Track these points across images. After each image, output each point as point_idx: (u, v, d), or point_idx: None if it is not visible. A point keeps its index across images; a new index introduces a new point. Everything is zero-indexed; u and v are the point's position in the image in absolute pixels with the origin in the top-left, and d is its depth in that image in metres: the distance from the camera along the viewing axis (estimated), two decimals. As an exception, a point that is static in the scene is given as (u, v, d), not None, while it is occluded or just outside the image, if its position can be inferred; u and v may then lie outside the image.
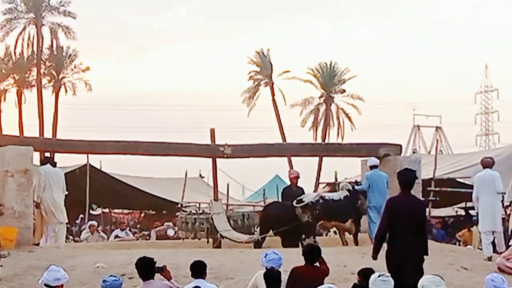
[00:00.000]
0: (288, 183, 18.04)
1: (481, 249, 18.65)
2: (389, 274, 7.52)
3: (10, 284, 11.87)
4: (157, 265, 8.50)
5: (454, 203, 28.46)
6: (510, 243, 14.34)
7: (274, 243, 15.95)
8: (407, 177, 9.75)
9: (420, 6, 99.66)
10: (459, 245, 21.25)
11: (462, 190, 24.10)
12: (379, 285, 7.34)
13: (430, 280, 6.94)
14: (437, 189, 22.46)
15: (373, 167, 16.24)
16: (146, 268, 8.40)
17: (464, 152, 37.22)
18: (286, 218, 15.66)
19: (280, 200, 18.06)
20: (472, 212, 27.99)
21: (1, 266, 12.49)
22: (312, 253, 9.25)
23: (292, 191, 16.83)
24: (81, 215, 30.49)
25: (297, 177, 17.25)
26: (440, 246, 16.28)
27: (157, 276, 8.57)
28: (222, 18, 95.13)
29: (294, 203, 15.70)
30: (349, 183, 17.04)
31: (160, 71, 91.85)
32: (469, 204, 28.64)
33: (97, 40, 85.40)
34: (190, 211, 18.14)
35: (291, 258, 10.26)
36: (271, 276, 8.59)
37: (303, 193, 16.45)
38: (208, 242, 16.93)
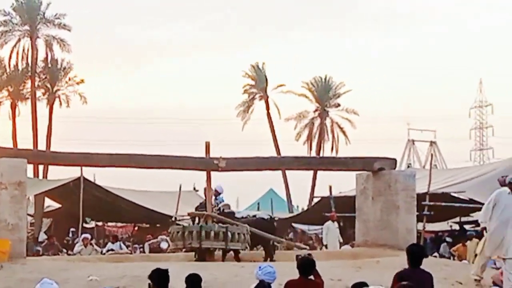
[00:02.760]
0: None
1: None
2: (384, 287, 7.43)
3: (2, 296, 11.81)
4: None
5: (449, 218, 28.49)
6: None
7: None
8: (417, 252, 9.23)
9: (413, 21, 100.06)
10: (454, 259, 21.22)
11: (457, 204, 24.11)
12: (374, 298, 7.26)
13: None
14: (432, 203, 22.45)
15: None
16: (163, 279, 8.28)
17: (459, 166, 37.26)
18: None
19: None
20: (466, 226, 28.06)
21: (-6, 278, 12.43)
22: (307, 266, 9.19)
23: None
24: (73, 229, 30.43)
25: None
26: (435, 261, 16.28)
27: None
28: (219, 32, 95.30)
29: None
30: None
31: (155, 85, 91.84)
32: (463, 219, 28.72)
33: (94, 53, 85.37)
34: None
35: (285, 271, 10.21)
36: None
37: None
38: (195, 256, 16.55)
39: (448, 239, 24.52)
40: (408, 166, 47.08)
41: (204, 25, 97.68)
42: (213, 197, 17.51)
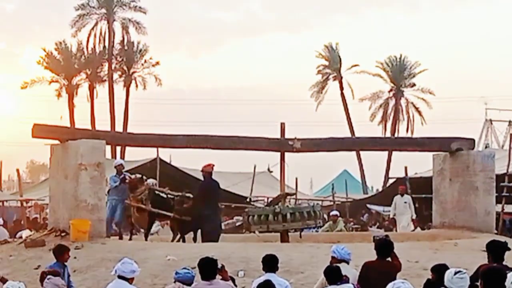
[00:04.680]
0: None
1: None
2: (465, 271, 7.24)
3: (83, 275, 12.08)
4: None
5: (529, 199, 27.82)
6: None
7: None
8: (496, 248, 8.73)
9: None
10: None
11: (537, 185, 23.49)
12: (456, 282, 7.02)
13: None
14: (511, 184, 22.00)
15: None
16: (209, 267, 8.19)
17: (539, 147, 36.21)
18: None
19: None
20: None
21: (75, 258, 12.71)
22: (384, 248, 9.10)
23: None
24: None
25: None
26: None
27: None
28: (291, 12, 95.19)
29: None
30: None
31: (229, 66, 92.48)
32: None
33: (167, 34, 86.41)
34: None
35: (363, 253, 10.16)
36: (333, 271, 8.46)
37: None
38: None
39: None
40: (486, 147, 46.10)
41: (277, 4, 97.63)
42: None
